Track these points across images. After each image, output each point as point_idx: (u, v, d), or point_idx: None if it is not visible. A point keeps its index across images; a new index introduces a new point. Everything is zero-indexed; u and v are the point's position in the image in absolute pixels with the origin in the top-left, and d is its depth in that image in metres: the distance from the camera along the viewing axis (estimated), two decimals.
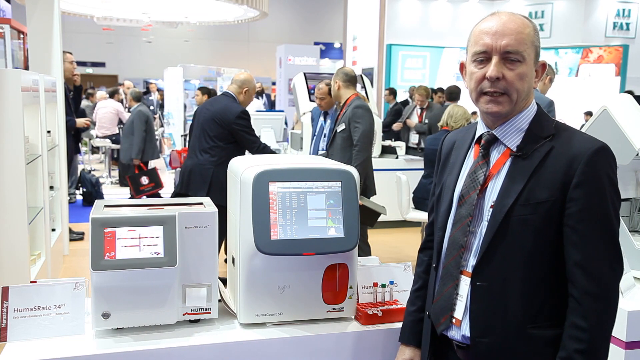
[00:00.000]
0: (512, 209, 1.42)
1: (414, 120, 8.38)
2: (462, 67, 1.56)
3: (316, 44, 20.00)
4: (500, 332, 1.43)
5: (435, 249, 1.60)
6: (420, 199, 5.19)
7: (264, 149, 4.45)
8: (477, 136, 1.57)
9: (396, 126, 8.46)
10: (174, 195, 4.72)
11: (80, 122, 6.50)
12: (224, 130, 4.33)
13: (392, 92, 11.00)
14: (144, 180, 7.58)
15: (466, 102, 5.62)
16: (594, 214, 1.38)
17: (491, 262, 1.44)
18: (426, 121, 7.91)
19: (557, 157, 1.42)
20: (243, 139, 4.38)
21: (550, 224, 1.40)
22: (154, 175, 7.64)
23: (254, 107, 11.23)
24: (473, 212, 1.49)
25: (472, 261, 1.48)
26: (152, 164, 8.37)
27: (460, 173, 1.58)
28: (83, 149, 8.54)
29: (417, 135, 7.97)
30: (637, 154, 2.30)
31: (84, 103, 9.51)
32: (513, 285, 1.42)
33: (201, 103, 7.49)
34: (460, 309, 1.49)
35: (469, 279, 1.48)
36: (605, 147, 1.42)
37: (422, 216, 5.08)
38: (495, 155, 1.51)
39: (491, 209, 1.45)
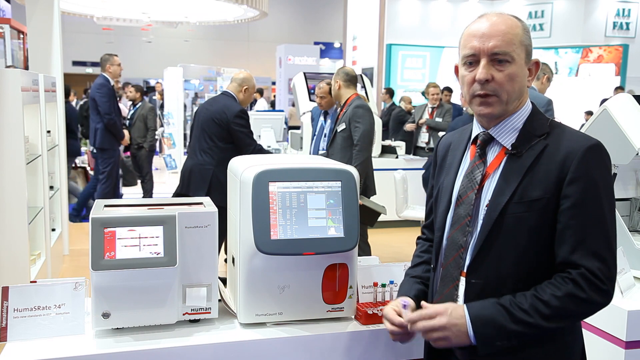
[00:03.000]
0: (507, 207, 1.42)
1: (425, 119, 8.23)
2: (457, 69, 1.57)
3: (316, 43, 20.01)
4: None
5: (434, 249, 1.60)
6: None
7: (259, 152, 4.40)
8: (473, 137, 1.57)
9: (409, 127, 8.29)
10: (175, 195, 4.71)
11: (127, 140, 6.72)
12: (222, 130, 4.31)
13: (389, 92, 11.01)
14: None
15: None
16: (587, 211, 1.39)
17: (485, 260, 1.45)
18: (437, 119, 7.81)
19: (551, 155, 1.43)
20: (239, 140, 4.33)
21: (544, 222, 1.41)
22: None
23: (259, 106, 11.21)
24: (471, 212, 1.49)
25: (468, 260, 1.48)
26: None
27: (457, 174, 1.58)
28: (83, 149, 8.50)
29: (427, 134, 7.87)
30: (637, 154, 2.30)
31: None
32: (507, 282, 1.43)
33: (135, 100, 7.56)
34: None
35: (464, 278, 1.48)
36: (599, 144, 1.42)
37: (419, 215, 5.08)
38: (491, 154, 1.52)
39: (486, 208, 1.46)
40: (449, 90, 9.62)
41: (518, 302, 1.38)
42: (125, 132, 6.64)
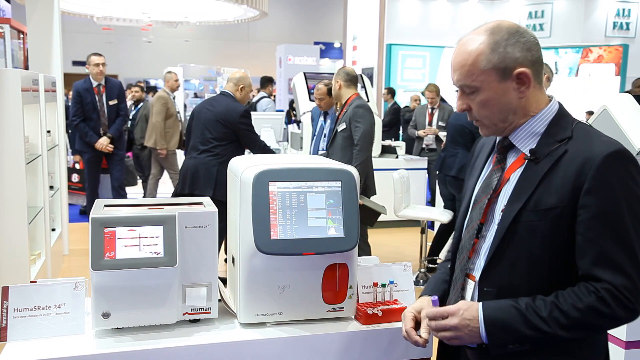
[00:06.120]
0: (520, 214, 1.39)
1: (421, 120, 7.97)
2: None
3: (316, 43, 19.99)
4: None
5: (453, 250, 1.60)
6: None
7: (264, 148, 4.55)
8: (497, 142, 1.56)
9: (422, 133, 7.79)
10: (175, 195, 4.74)
11: (102, 143, 6.22)
12: (227, 130, 4.43)
13: (391, 92, 11.02)
14: (74, 177, 7.55)
15: None
16: (606, 222, 1.32)
17: (498, 268, 1.43)
18: (440, 124, 7.67)
19: (570, 161, 1.36)
20: (247, 138, 4.48)
21: (558, 232, 1.36)
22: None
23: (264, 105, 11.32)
24: (486, 216, 1.48)
25: (480, 265, 1.48)
26: None
27: (480, 177, 1.58)
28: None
29: (432, 137, 7.75)
30: (637, 154, 2.30)
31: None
32: (520, 291, 1.39)
33: (139, 99, 7.73)
34: None
35: (474, 282, 1.49)
36: (620, 151, 1.35)
37: (418, 214, 5.06)
38: (510, 160, 1.50)
39: (502, 214, 1.44)
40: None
41: (536, 308, 1.34)
42: (105, 139, 6.24)
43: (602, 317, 1.32)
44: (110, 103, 6.33)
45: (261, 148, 4.53)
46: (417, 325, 1.53)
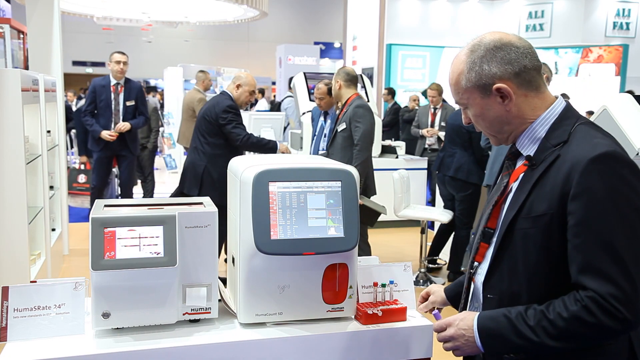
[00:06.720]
0: (514, 222, 1.39)
1: (424, 120, 7.90)
2: None
3: (316, 43, 20.01)
4: None
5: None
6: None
7: (249, 140, 4.39)
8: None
9: (426, 133, 7.67)
10: (174, 194, 4.75)
11: (105, 135, 5.95)
12: (212, 126, 4.39)
13: (391, 92, 11.02)
14: (81, 178, 7.51)
15: None
16: (591, 228, 1.28)
17: (498, 275, 1.44)
18: (443, 124, 7.60)
19: (560, 166, 1.34)
20: (229, 133, 4.37)
21: (551, 239, 1.34)
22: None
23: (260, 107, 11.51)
24: (496, 223, 1.49)
25: (483, 271, 1.49)
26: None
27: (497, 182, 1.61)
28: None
29: (434, 137, 7.70)
30: (637, 154, 2.30)
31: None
32: (521, 300, 1.39)
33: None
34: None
35: (473, 284, 1.52)
36: (606, 153, 1.30)
37: (417, 214, 5.06)
38: (517, 166, 1.50)
39: (501, 221, 1.46)
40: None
41: (526, 317, 1.33)
42: (125, 124, 6.00)
43: (587, 326, 1.28)
44: (128, 104, 6.11)
45: (246, 142, 4.34)
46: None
